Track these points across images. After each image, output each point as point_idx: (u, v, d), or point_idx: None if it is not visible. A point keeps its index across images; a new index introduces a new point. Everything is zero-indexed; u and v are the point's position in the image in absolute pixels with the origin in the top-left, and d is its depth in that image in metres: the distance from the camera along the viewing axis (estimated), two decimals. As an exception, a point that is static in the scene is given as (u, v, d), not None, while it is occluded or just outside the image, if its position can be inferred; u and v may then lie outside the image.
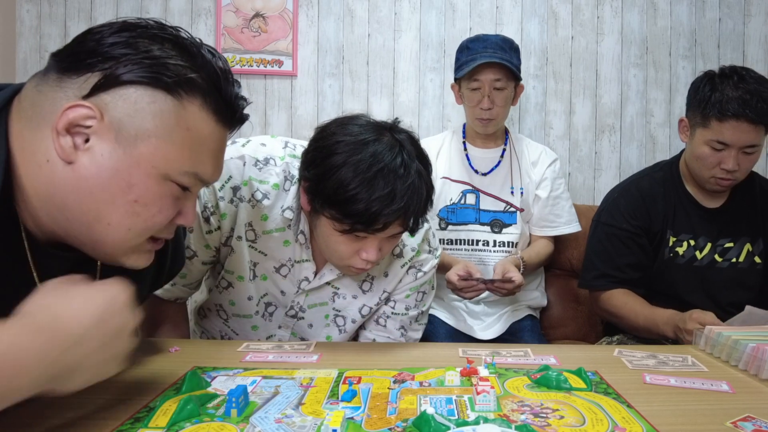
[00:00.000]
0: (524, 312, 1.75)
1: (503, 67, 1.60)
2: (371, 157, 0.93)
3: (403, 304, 1.20)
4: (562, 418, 0.71)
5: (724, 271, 1.46)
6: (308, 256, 1.11)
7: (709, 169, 1.41)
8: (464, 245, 1.72)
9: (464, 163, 1.76)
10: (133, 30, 0.65)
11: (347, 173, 0.92)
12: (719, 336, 1.00)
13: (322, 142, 0.98)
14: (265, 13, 2.07)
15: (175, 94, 0.64)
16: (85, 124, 0.62)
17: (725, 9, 2.11)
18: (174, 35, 0.67)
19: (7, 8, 2.05)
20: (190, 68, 0.66)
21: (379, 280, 1.17)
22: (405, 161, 0.95)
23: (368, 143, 0.94)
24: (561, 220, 1.76)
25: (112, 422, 0.68)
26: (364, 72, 2.10)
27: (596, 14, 2.11)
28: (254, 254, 1.10)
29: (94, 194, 0.63)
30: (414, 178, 0.95)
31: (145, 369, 0.88)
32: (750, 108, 1.30)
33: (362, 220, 0.93)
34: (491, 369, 0.86)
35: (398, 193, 0.92)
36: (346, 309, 1.18)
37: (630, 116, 2.13)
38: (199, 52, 0.68)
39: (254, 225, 1.08)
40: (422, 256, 1.18)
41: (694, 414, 0.74)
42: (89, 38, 0.65)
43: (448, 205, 1.74)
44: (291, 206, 1.07)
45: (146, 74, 0.63)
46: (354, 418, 0.70)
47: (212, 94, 0.68)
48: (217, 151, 0.72)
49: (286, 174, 1.08)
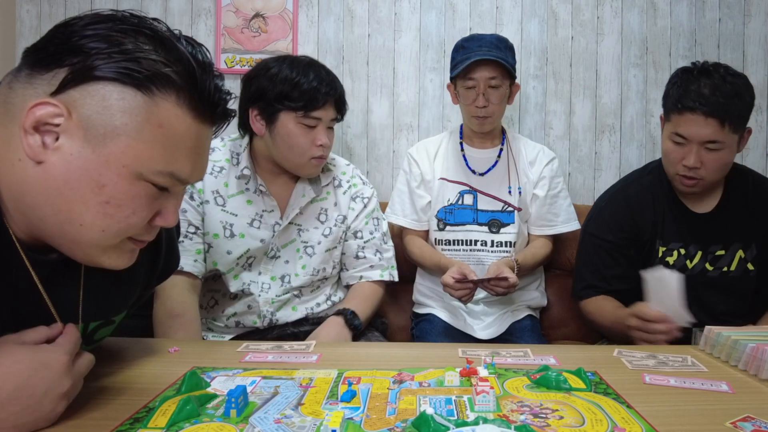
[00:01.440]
0: (524, 312, 1.75)
1: (498, 65, 1.60)
2: (294, 59, 1.40)
3: (367, 230, 1.55)
4: (562, 419, 0.71)
5: (715, 280, 1.42)
6: (273, 205, 1.44)
7: (673, 165, 1.38)
8: (462, 246, 1.71)
9: (461, 164, 1.76)
10: (105, 22, 0.62)
11: (285, 70, 1.36)
12: (719, 336, 1.00)
13: (255, 72, 1.41)
14: (265, 14, 2.07)
15: (145, 90, 0.61)
16: (53, 122, 0.60)
17: (725, 9, 2.11)
18: (150, 27, 0.64)
19: (7, 8, 2.05)
20: (164, 62, 0.62)
21: (331, 210, 1.52)
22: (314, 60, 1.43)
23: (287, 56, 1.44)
24: (559, 219, 1.75)
25: (112, 422, 0.68)
26: (364, 72, 2.10)
27: (596, 14, 2.11)
28: (226, 216, 1.41)
29: (64, 194, 0.61)
30: (329, 70, 1.42)
31: (145, 369, 0.88)
32: (704, 101, 1.27)
33: (309, 96, 1.34)
34: (491, 369, 0.86)
35: (325, 77, 1.38)
36: (311, 238, 1.48)
37: (630, 116, 2.13)
38: (174, 45, 0.64)
39: (220, 191, 1.41)
40: (359, 186, 1.57)
41: (693, 414, 0.74)
42: (59, 31, 0.62)
43: (446, 205, 1.73)
44: (246, 166, 1.42)
45: (115, 70, 0.60)
46: (353, 419, 0.70)
47: (188, 89, 0.64)
48: (197, 149, 0.68)
49: (232, 153, 1.46)
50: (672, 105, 1.34)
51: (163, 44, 0.64)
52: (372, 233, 1.56)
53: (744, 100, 1.29)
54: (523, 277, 1.78)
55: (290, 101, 1.35)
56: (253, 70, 1.43)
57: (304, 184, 1.48)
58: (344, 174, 1.57)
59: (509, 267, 1.55)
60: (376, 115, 2.11)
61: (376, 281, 1.55)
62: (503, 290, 1.51)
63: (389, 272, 1.58)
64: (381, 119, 2.11)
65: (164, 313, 1.28)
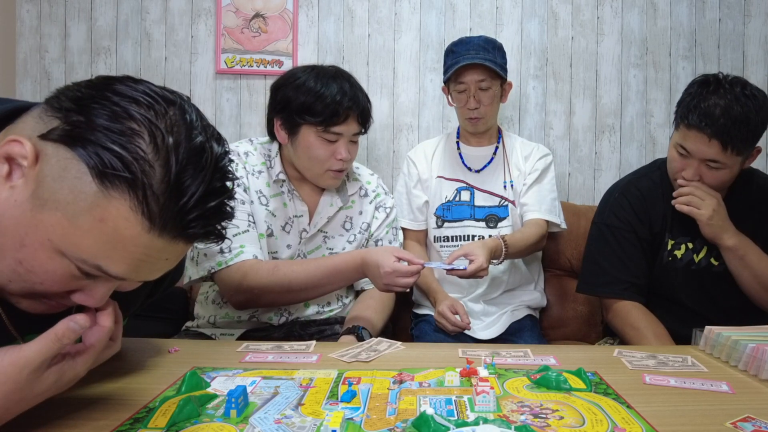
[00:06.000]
0: (524, 312, 1.75)
1: (486, 67, 1.62)
2: (321, 70, 1.38)
3: (386, 239, 1.58)
4: (562, 419, 0.71)
5: (721, 274, 1.42)
6: (303, 211, 1.44)
7: (673, 173, 1.39)
8: (460, 242, 1.72)
9: (458, 162, 1.78)
10: (122, 96, 0.59)
11: (310, 82, 1.35)
12: (719, 336, 1.00)
13: (282, 81, 1.40)
14: (265, 14, 2.07)
15: (101, 180, 0.56)
16: (19, 162, 0.58)
17: (725, 9, 2.11)
18: (179, 112, 0.61)
19: (7, 8, 2.05)
20: (146, 160, 0.57)
21: (356, 218, 1.53)
22: (341, 72, 1.40)
23: (315, 66, 1.41)
24: (543, 207, 1.71)
25: (112, 422, 0.68)
26: (364, 72, 2.10)
27: (596, 14, 2.11)
28: (269, 215, 1.41)
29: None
30: (354, 81, 1.41)
31: (145, 369, 0.88)
32: (712, 123, 1.25)
33: (330, 111, 1.32)
34: (491, 369, 0.86)
35: (348, 90, 1.35)
36: (336, 245, 1.50)
37: (630, 116, 2.13)
38: (171, 150, 0.58)
39: (263, 191, 1.41)
40: (382, 196, 1.59)
41: (693, 414, 0.74)
42: (82, 85, 0.61)
43: (444, 202, 1.75)
44: (281, 171, 1.43)
45: (89, 149, 0.56)
46: (353, 419, 0.70)
47: (154, 200, 0.58)
48: (146, 257, 0.61)
49: (265, 156, 1.46)
50: (681, 117, 1.34)
51: (163, 146, 0.58)
52: (390, 242, 1.58)
53: (750, 125, 1.26)
54: (522, 277, 1.78)
55: (311, 115, 1.33)
56: (281, 78, 1.42)
57: (332, 194, 1.48)
58: (369, 184, 1.58)
59: (490, 247, 1.44)
60: (376, 115, 2.08)
61: None
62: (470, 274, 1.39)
63: None
64: (381, 119, 2.11)
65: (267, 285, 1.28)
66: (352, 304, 1.55)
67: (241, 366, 0.91)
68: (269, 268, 1.29)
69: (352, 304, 1.55)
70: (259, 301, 1.34)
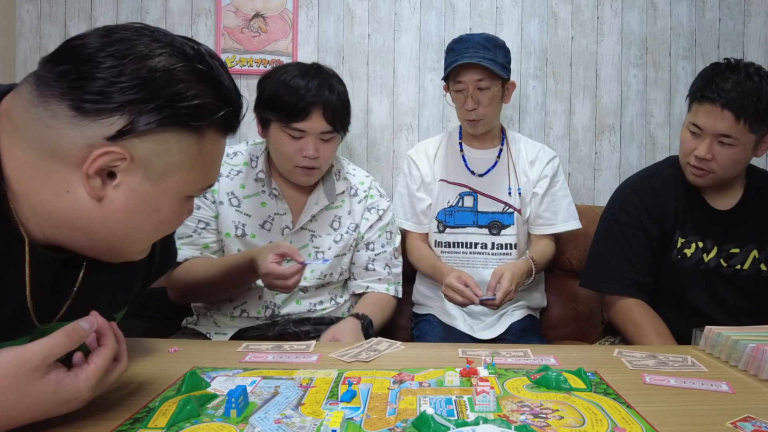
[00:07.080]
0: (524, 312, 1.74)
1: (485, 67, 1.57)
2: (300, 67, 1.39)
3: (379, 243, 1.55)
4: (562, 419, 0.71)
5: (729, 276, 1.42)
6: (285, 209, 1.45)
7: (685, 155, 1.38)
8: (462, 248, 1.70)
9: (461, 165, 1.74)
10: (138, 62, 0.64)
11: (284, 76, 1.36)
12: (719, 336, 1.00)
13: (264, 75, 1.42)
14: (265, 14, 2.07)
15: (197, 129, 0.69)
16: (114, 165, 0.65)
17: (725, 9, 2.11)
18: (189, 60, 0.67)
19: (7, 8, 2.05)
20: (213, 101, 0.68)
21: (345, 217, 1.52)
22: (318, 69, 1.40)
23: (300, 63, 1.43)
24: (559, 218, 1.72)
25: (112, 422, 0.68)
26: (364, 72, 2.10)
27: (596, 14, 2.11)
28: (239, 216, 1.43)
29: (122, 222, 0.69)
30: (326, 77, 1.38)
31: (145, 369, 0.88)
32: (723, 93, 1.27)
33: (289, 106, 1.32)
34: (491, 369, 0.86)
35: (314, 86, 1.34)
36: (323, 244, 1.49)
37: (630, 116, 2.13)
38: (220, 83, 0.70)
39: (235, 193, 1.44)
40: (376, 198, 1.57)
41: (693, 414, 0.74)
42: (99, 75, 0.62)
43: (446, 207, 1.72)
44: (262, 170, 1.45)
45: (172, 119, 0.65)
46: (353, 419, 0.70)
47: (227, 117, 0.72)
48: (221, 158, 0.78)
49: (251, 156, 1.48)
50: (693, 95, 1.35)
51: (207, 81, 0.69)
52: (384, 246, 1.56)
53: (762, 99, 1.28)
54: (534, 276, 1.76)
55: (272, 110, 1.35)
56: (265, 73, 1.44)
57: (319, 192, 1.48)
58: (362, 184, 1.57)
59: (525, 270, 1.50)
60: (376, 115, 2.11)
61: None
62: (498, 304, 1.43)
63: (395, 288, 1.58)
64: (381, 119, 2.11)
65: (184, 284, 1.35)
66: (346, 304, 1.56)
67: (241, 366, 0.91)
68: (186, 268, 1.36)
69: (346, 304, 1.56)
70: (188, 298, 1.45)
